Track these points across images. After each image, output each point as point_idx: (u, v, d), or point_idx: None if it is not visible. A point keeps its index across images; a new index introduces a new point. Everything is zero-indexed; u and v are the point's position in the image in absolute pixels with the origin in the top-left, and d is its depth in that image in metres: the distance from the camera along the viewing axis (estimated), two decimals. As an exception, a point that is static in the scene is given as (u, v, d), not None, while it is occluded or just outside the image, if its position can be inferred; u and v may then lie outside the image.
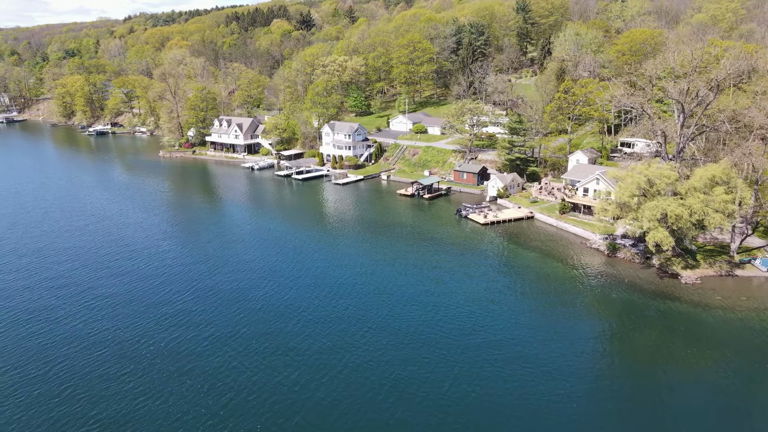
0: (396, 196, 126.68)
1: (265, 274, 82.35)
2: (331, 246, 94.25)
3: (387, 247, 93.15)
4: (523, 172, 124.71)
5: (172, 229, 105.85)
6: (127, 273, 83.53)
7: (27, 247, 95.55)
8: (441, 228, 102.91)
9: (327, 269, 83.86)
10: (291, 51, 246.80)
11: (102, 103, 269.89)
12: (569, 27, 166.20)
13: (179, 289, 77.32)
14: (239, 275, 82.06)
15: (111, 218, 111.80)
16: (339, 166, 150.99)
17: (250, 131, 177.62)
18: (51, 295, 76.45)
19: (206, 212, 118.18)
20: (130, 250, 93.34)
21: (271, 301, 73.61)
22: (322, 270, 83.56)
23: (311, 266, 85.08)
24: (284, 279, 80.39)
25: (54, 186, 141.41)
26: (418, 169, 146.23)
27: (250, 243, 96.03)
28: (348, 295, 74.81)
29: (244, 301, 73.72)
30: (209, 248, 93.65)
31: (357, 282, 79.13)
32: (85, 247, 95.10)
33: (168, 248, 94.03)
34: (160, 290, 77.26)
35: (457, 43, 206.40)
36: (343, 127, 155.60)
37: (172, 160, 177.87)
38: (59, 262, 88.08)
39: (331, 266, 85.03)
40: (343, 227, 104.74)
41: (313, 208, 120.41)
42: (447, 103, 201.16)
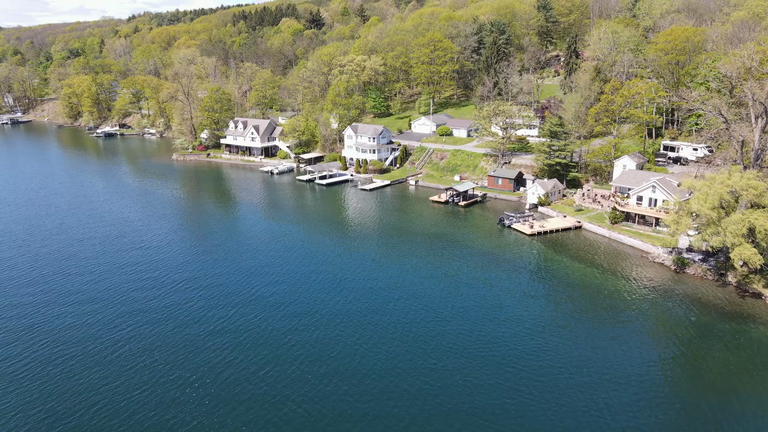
0: (428, 203, 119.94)
1: (301, 287, 75.63)
2: (371, 261, 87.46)
3: (431, 261, 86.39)
4: (562, 178, 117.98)
5: (197, 239, 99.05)
6: (154, 287, 76.85)
7: (47, 260, 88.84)
8: (484, 239, 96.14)
9: (373, 288, 77.06)
10: (304, 50, 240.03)
11: (109, 104, 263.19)
12: (604, 25, 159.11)
13: (221, 304, 70.70)
14: (277, 287, 75.35)
15: (131, 228, 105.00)
16: (363, 171, 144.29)
17: (267, 133, 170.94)
18: (73, 312, 69.81)
19: (228, 221, 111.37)
20: (154, 261, 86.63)
21: (316, 323, 66.95)
22: (366, 289, 76.77)
23: (353, 284, 78.33)
24: (326, 295, 73.69)
25: (67, 192, 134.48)
26: (447, 174, 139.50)
27: (283, 256, 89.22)
28: (405, 318, 68.07)
29: (288, 320, 67.11)
30: (241, 259, 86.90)
31: (410, 304, 72.35)
32: (109, 262, 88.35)
33: (197, 261, 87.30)
34: (198, 305, 70.61)
35: (478, 42, 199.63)
36: (367, 129, 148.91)
37: (185, 164, 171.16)
38: (81, 273, 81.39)
39: (376, 284, 78.23)
40: (379, 238, 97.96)
41: (341, 216, 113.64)
42: (469, 105, 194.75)
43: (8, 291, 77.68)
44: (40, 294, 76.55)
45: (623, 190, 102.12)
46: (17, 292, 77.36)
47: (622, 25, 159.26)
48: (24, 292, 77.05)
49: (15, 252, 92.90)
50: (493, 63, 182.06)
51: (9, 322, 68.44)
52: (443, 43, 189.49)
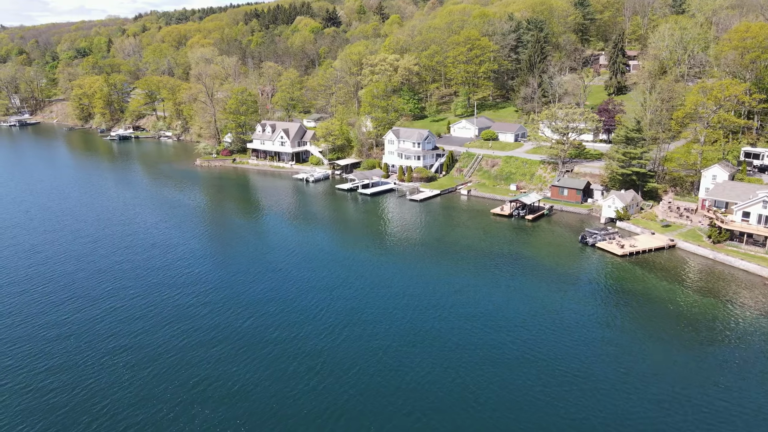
0: (489, 216, 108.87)
1: (390, 323, 64.67)
2: (449, 288, 76.33)
3: (519, 289, 75.31)
4: (637, 189, 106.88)
5: (252, 262, 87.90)
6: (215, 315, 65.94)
7: (92, 296, 77.90)
8: (569, 261, 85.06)
9: (453, 321, 66.04)
10: (328, 49, 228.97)
11: (122, 105, 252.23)
12: (669, 21, 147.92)
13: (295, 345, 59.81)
14: (338, 318, 64.42)
15: (171, 249, 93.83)
16: (408, 179, 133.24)
17: (298, 138, 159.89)
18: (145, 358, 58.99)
19: (277, 240, 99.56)
20: (210, 290, 75.68)
21: (392, 359, 56.02)
22: (444, 323, 65.74)
23: (439, 313, 67.32)
24: (401, 327, 62.73)
25: (95, 204, 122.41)
26: (500, 183, 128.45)
27: (349, 281, 78.22)
28: (502, 371, 57.13)
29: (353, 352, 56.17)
30: (306, 283, 75.93)
31: (505, 346, 61.37)
32: (163, 303, 77.37)
33: (264, 283, 76.38)
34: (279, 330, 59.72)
35: (516, 40, 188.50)
36: (410, 134, 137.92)
37: (210, 170, 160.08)
38: (134, 308, 70.47)
39: (455, 316, 67.19)
40: (449, 260, 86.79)
41: (398, 232, 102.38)
42: (508, 106, 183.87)
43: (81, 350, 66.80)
44: (122, 353, 65.65)
45: (719, 203, 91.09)
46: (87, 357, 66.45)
47: (690, 21, 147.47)
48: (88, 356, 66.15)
49: (56, 283, 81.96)
50: (537, 62, 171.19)
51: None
52: (480, 42, 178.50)
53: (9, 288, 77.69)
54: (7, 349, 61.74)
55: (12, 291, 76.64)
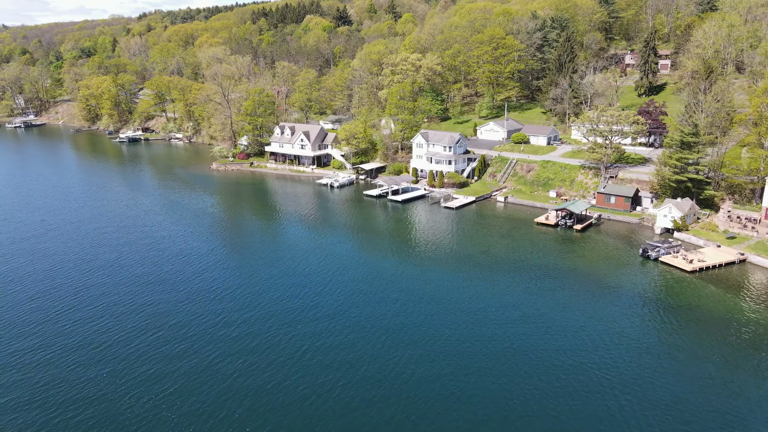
0: (532, 226, 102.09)
1: (444, 348, 57.96)
2: (512, 310, 69.56)
3: (585, 311, 68.51)
4: (692, 197, 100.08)
5: (295, 277, 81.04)
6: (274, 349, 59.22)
7: (123, 327, 71.17)
8: (633, 278, 78.22)
9: (525, 345, 59.34)
10: (343, 48, 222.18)
11: (130, 106, 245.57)
12: (715, 18, 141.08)
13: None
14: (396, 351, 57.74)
15: (199, 261, 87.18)
16: (439, 184, 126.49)
17: (318, 140, 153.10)
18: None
19: (312, 251, 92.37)
20: (251, 305, 68.96)
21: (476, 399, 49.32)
22: (516, 350, 59.01)
23: (494, 344, 60.59)
24: (469, 353, 56.03)
25: (113, 212, 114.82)
26: (538, 189, 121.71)
27: (393, 297, 71.50)
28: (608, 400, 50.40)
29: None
30: (350, 306, 69.21)
31: (589, 371, 54.64)
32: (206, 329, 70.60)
33: (307, 301, 69.63)
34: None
35: (543, 39, 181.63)
36: (441, 137, 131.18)
37: (227, 174, 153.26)
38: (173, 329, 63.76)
39: (525, 340, 60.48)
40: (503, 276, 79.94)
41: (441, 242, 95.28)
42: (534, 107, 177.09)
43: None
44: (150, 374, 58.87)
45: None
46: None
47: (739, 18, 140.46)
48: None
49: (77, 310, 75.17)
50: (566, 62, 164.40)
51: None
52: (506, 40, 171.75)
53: (33, 305, 70.99)
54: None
55: (37, 308, 69.96)
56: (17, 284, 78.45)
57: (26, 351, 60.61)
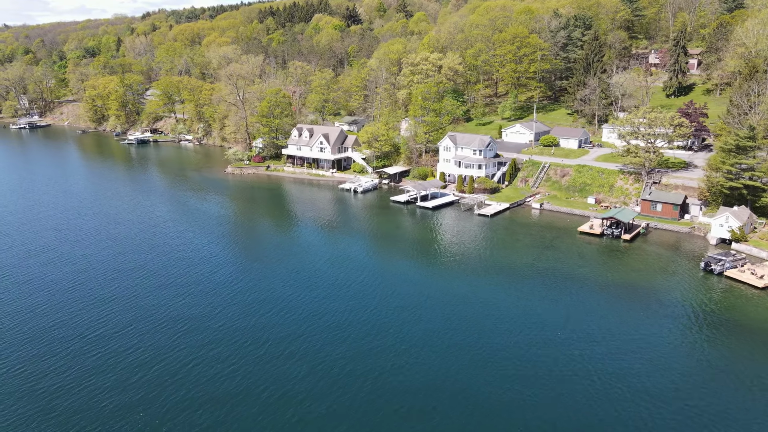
0: (575, 235, 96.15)
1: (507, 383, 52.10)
2: (579, 333, 63.72)
3: (660, 333, 62.64)
4: (747, 205, 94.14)
5: (334, 295, 75.17)
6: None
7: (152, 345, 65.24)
8: (700, 296, 72.11)
9: (600, 376, 53.49)
10: (357, 48, 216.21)
11: (138, 107, 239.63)
12: (760, 15, 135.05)
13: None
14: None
15: (225, 271, 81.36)
16: (468, 190, 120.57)
17: (338, 143, 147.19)
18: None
19: (346, 265, 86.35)
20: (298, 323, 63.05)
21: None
22: (592, 380, 53.18)
23: (565, 370, 54.73)
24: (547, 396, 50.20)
25: (131, 222, 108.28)
26: (574, 195, 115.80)
27: (440, 314, 65.62)
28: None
29: None
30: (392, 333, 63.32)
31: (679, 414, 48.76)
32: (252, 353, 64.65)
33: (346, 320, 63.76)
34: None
35: (566, 38, 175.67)
36: (470, 140, 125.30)
37: (243, 179, 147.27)
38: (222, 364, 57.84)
39: (598, 367, 54.60)
40: (559, 294, 74.02)
41: (483, 253, 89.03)
42: (558, 108, 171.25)
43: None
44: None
45: None
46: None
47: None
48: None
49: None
50: (594, 61, 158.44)
51: None
52: (529, 39, 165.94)
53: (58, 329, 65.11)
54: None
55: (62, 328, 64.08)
56: (38, 297, 72.61)
57: (93, 370, 54.82)
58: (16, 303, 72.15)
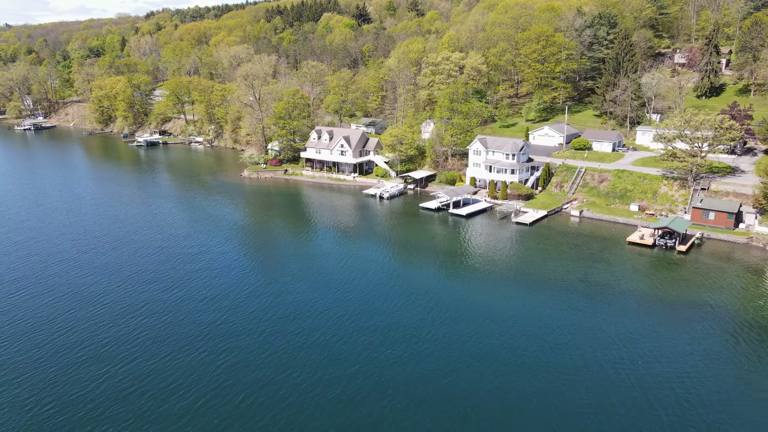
0: (623, 246, 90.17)
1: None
2: (660, 366, 57.79)
3: (752, 366, 56.81)
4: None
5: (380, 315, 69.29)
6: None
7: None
8: (777, 313, 66.40)
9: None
10: (372, 47, 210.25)
11: (146, 107, 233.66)
12: None
13: None
14: None
15: (277, 296, 75.45)
16: (502, 196, 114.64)
17: (359, 146, 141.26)
18: None
19: (384, 282, 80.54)
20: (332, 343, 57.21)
21: None
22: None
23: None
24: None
25: (151, 231, 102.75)
26: (615, 202, 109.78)
27: (497, 338, 59.75)
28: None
29: None
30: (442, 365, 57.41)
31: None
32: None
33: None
34: None
35: (593, 36, 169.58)
36: (502, 143, 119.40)
37: (260, 183, 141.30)
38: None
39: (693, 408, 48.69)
40: (621, 316, 68.06)
41: (529, 268, 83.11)
42: (583, 109, 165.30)
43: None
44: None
45: None
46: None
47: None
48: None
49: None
50: (624, 61, 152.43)
51: None
52: (555, 38, 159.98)
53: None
54: None
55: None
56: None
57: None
58: (44, 313, 66.35)
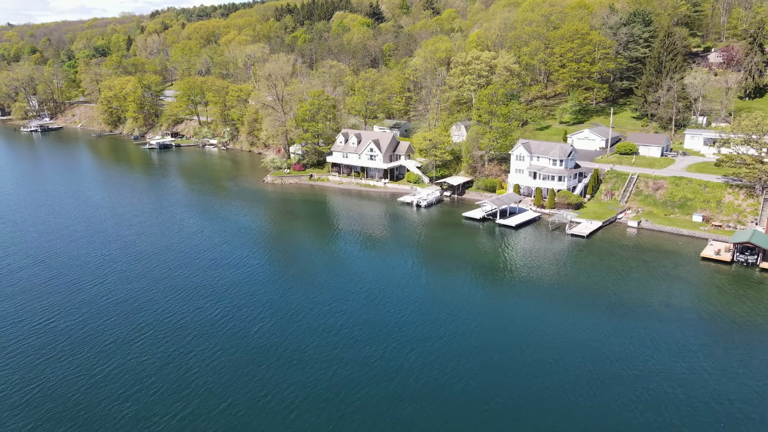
0: (697, 262, 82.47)
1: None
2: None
3: None
4: None
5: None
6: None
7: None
8: None
9: None
10: (393, 46, 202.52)
11: (157, 109, 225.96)
12: None
13: None
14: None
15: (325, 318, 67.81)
16: (549, 204, 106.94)
17: (390, 151, 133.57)
18: None
19: (441, 307, 73.22)
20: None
21: None
22: None
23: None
24: None
25: (179, 244, 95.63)
26: (674, 211, 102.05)
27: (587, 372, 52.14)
28: None
29: None
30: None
31: None
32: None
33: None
34: None
35: (628, 35, 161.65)
36: (548, 148, 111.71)
37: (285, 189, 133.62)
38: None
39: None
40: (732, 352, 60.62)
41: (608, 291, 75.30)
42: (618, 111, 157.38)
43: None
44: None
45: None
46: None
47: None
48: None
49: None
50: (666, 60, 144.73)
51: None
52: (591, 36, 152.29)
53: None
54: None
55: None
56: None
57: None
58: (87, 328, 58.80)
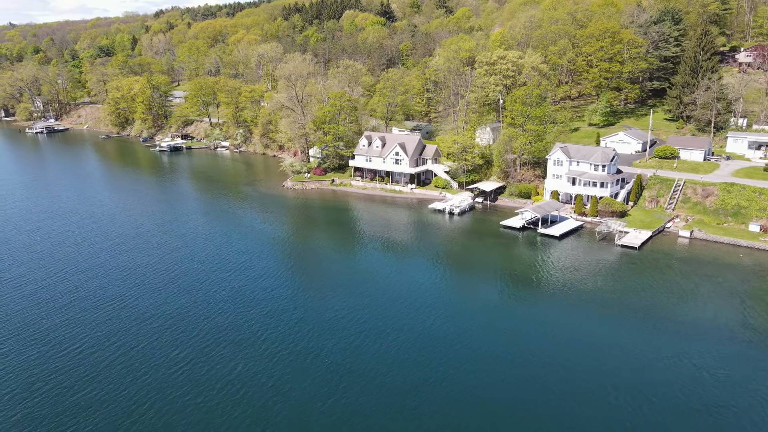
0: (765, 279, 76.36)
1: None
2: None
3: None
4: None
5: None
6: None
7: None
8: None
9: None
10: (411, 46, 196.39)
11: (166, 110, 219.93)
12: None
13: None
14: None
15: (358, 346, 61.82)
16: (592, 212, 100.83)
17: (416, 154, 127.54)
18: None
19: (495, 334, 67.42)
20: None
21: None
22: None
23: None
24: None
25: (203, 258, 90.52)
26: (728, 220, 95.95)
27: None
28: None
29: None
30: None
31: None
32: None
33: None
34: None
35: (659, 33, 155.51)
36: (588, 152, 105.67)
37: (306, 195, 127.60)
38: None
39: None
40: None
41: (679, 313, 69.55)
42: (648, 112, 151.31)
43: None
44: None
45: None
46: None
47: None
48: None
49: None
50: (702, 60, 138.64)
51: None
52: (622, 34, 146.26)
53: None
54: None
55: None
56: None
57: None
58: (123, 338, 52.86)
